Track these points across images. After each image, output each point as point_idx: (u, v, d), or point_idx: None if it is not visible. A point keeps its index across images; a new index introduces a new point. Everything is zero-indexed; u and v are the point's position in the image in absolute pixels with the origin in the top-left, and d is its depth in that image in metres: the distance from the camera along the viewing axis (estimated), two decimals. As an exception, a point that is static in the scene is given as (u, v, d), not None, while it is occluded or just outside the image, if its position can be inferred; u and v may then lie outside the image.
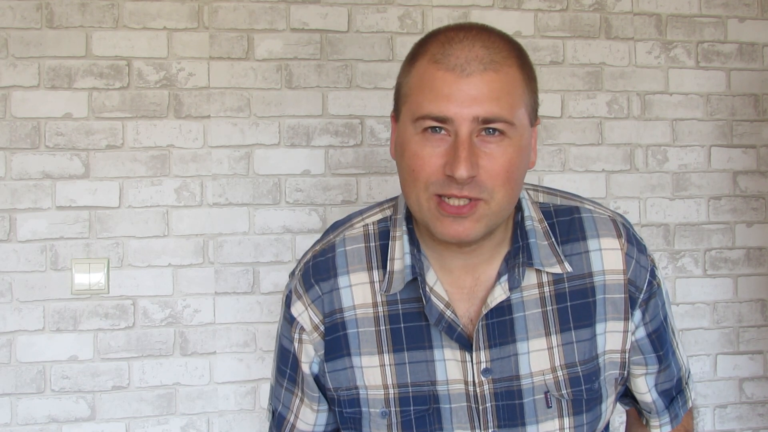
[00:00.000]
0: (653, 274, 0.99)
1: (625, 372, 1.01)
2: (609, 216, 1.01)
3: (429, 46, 0.90)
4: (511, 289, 0.94)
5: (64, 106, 1.75)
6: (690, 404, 1.10)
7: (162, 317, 1.78)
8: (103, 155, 1.76)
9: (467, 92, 0.85)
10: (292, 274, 1.04)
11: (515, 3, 1.93)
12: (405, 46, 1.87)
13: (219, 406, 1.80)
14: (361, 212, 1.05)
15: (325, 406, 1.04)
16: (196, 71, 1.80)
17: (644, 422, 1.10)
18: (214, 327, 1.80)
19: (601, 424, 1.00)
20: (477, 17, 1.90)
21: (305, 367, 1.01)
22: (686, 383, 1.09)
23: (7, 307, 1.73)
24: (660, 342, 1.02)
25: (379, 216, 1.02)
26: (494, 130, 0.87)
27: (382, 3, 1.87)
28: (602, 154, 1.97)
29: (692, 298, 2.00)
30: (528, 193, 1.02)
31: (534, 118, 0.94)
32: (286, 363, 1.05)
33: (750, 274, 2.03)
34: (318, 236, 1.85)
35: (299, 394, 1.04)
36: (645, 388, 1.04)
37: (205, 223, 1.80)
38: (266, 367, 1.81)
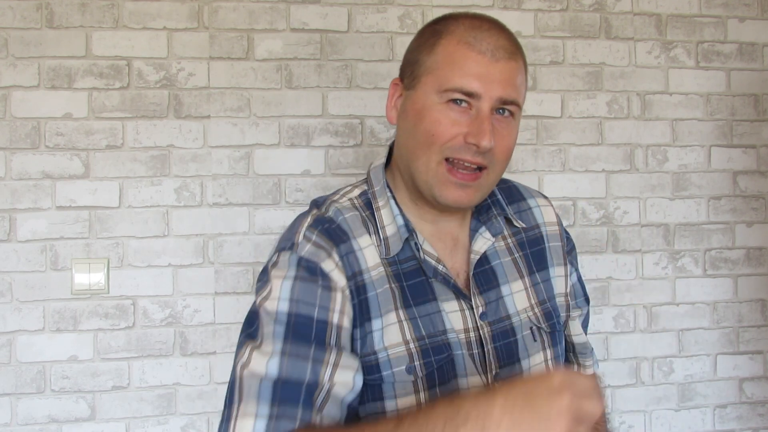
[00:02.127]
0: (569, 233, 1.19)
1: (567, 315, 1.13)
2: (538, 191, 1.20)
3: (455, 29, 1.02)
4: (494, 236, 1.08)
5: (64, 106, 1.75)
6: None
7: (162, 317, 1.78)
8: (103, 155, 1.76)
9: (495, 75, 0.98)
10: (291, 246, 0.99)
11: (515, 3, 1.93)
12: (405, 46, 1.85)
13: (219, 406, 1.80)
14: (336, 192, 1.10)
15: (357, 364, 0.97)
16: (196, 71, 1.80)
17: (578, 370, 1.18)
18: (214, 327, 1.80)
19: (561, 363, 1.11)
20: (477, 17, 1.90)
21: (346, 322, 0.97)
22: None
23: (7, 307, 1.73)
24: (582, 285, 1.19)
25: (357, 191, 1.09)
26: (506, 110, 1.00)
27: (382, 3, 1.87)
28: (602, 154, 1.97)
29: (692, 298, 2.00)
30: None
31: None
32: (309, 331, 0.95)
33: (750, 274, 2.03)
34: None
35: (332, 357, 0.95)
36: (579, 329, 1.16)
37: (205, 223, 1.80)
38: (266, 367, 1.81)
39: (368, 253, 1.01)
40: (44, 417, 1.73)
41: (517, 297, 1.07)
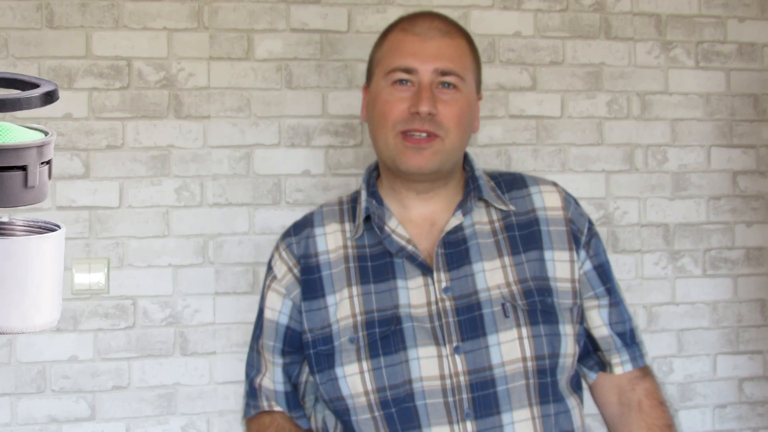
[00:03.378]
0: (591, 223, 1.19)
1: (578, 302, 1.13)
2: (550, 180, 1.22)
3: (398, 24, 1.17)
4: (464, 215, 1.13)
5: (64, 106, 1.75)
6: (647, 360, 1.21)
7: (162, 317, 1.78)
8: (103, 155, 1.76)
9: (429, 50, 1.10)
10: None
11: (515, 3, 1.93)
12: (405, 46, 1.87)
13: (219, 406, 1.80)
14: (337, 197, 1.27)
15: (280, 361, 1.18)
16: (196, 71, 1.80)
17: (608, 370, 1.18)
18: (214, 327, 1.80)
19: (563, 348, 1.09)
20: (477, 17, 1.90)
21: (270, 314, 1.18)
22: (640, 339, 1.21)
23: (7, 307, 1.73)
24: (606, 276, 1.18)
25: (350, 192, 1.25)
26: (449, 83, 1.10)
27: (382, 3, 1.87)
28: (602, 154, 1.97)
29: (692, 298, 2.00)
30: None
31: (478, 89, 1.18)
32: (258, 325, 1.22)
33: (750, 274, 2.03)
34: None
35: (262, 350, 1.20)
36: (600, 322, 1.17)
37: (205, 223, 1.80)
38: (266, 367, 1.81)
39: (330, 238, 1.16)
40: (44, 417, 1.73)
41: (490, 274, 1.10)
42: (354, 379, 1.08)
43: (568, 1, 1.96)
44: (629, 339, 1.18)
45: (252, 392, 1.21)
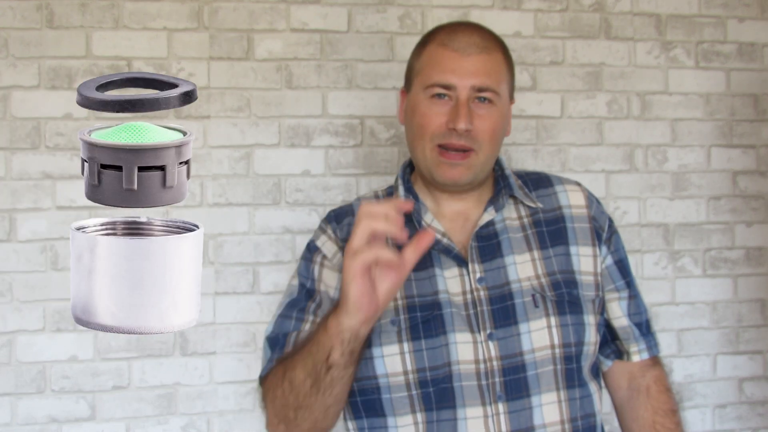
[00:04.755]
0: (612, 221, 1.28)
1: (600, 294, 1.22)
2: (574, 179, 1.30)
3: (437, 35, 1.21)
4: (496, 210, 1.20)
5: (64, 106, 1.75)
6: (659, 349, 1.30)
7: (162, 317, 1.78)
8: (103, 155, 1.76)
9: (467, 67, 1.16)
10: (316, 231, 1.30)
11: (515, 3, 1.93)
12: (405, 46, 1.87)
13: (219, 406, 1.80)
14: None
15: None
16: (196, 71, 1.80)
17: (625, 358, 1.26)
18: (214, 327, 1.80)
19: (587, 337, 1.18)
20: (477, 17, 1.90)
21: (331, 291, 1.21)
22: (654, 330, 1.30)
23: (7, 307, 1.73)
24: (625, 270, 1.27)
25: (385, 187, 1.33)
26: (485, 98, 1.17)
27: (382, 3, 1.88)
28: (602, 154, 1.97)
29: (692, 298, 2.00)
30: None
31: (511, 96, 1.25)
32: (301, 298, 1.23)
33: (750, 274, 2.03)
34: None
35: (311, 318, 1.21)
36: (620, 313, 1.25)
37: (205, 223, 1.80)
38: (266, 367, 1.81)
39: None
40: (44, 417, 1.73)
41: (521, 267, 1.18)
42: (393, 359, 1.14)
43: (568, 1, 1.96)
44: (645, 329, 1.27)
45: (278, 344, 1.20)
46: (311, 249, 1.27)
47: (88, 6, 1.77)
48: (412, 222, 1.20)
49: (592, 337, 1.19)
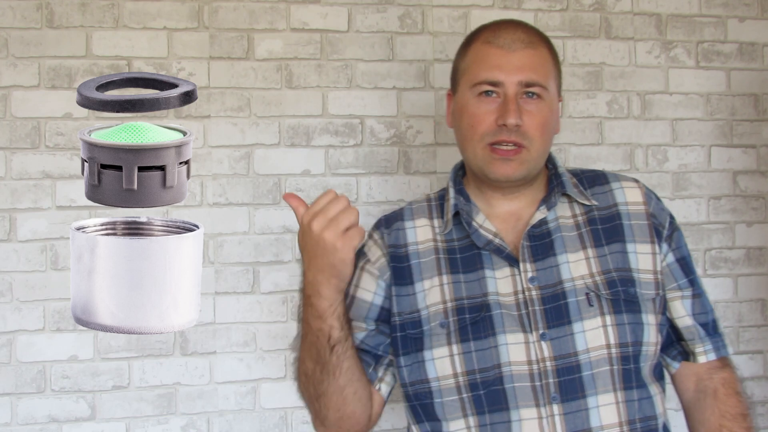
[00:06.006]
0: (673, 218, 1.25)
1: (661, 293, 1.18)
2: (631, 177, 1.28)
3: (481, 33, 1.21)
4: (548, 209, 1.19)
5: (64, 106, 1.75)
6: (730, 350, 1.25)
7: (162, 317, 1.78)
8: (103, 155, 1.76)
9: (513, 63, 1.14)
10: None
11: (515, 3, 1.93)
12: (405, 45, 1.87)
13: (219, 406, 1.80)
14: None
15: (365, 327, 1.22)
16: (196, 71, 1.80)
17: (691, 359, 1.23)
18: (214, 327, 1.80)
19: (646, 337, 1.14)
20: (477, 17, 1.90)
21: (364, 294, 1.22)
22: (722, 330, 1.26)
23: (7, 307, 1.73)
24: (688, 268, 1.23)
25: (437, 191, 1.31)
26: (533, 93, 1.15)
27: (382, 3, 1.87)
28: (602, 154, 1.97)
29: (692, 298, 2.00)
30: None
31: (559, 93, 1.23)
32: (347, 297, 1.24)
33: (750, 274, 2.03)
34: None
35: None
36: (683, 312, 1.22)
37: (205, 222, 1.80)
38: (266, 367, 1.81)
39: (420, 231, 1.23)
40: (44, 417, 1.73)
41: (575, 265, 1.16)
42: (443, 362, 1.14)
43: (568, 1, 1.96)
44: (712, 329, 1.23)
45: None
46: (357, 255, 1.24)
47: (88, 6, 1.77)
48: (462, 224, 1.20)
49: (651, 337, 1.15)
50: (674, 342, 1.24)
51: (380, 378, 1.23)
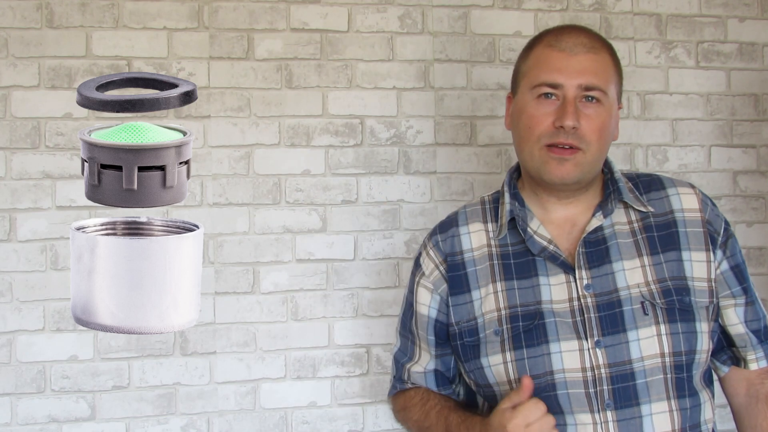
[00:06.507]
0: (728, 224, 1.24)
1: (715, 300, 1.18)
2: (686, 181, 1.27)
3: (544, 37, 1.21)
4: (604, 216, 1.18)
5: (64, 106, 1.75)
6: None
7: (162, 317, 1.78)
8: (103, 155, 1.76)
9: (574, 66, 1.15)
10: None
11: (515, 3, 1.93)
12: (405, 45, 1.87)
13: (219, 406, 1.80)
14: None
15: (434, 352, 1.28)
16: (196, 71, 1.80)
17: (743, 365, 1.23)
18: (214, 327, 1.80)
19: (699, 345, 1.15)
20: (477, 17, 1.90)
21: (421, 309, 1.26)
22: None
23: (7, 307, 1.73)
24: (742, 276, 1.24)
25: (491, 193, 1.31)
26: (592, 98, 1.15)
27: (382, 3, 1.87)
28: (602, 154, 1.97)
29: (692, 298, 2.00)
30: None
31: (619, 99, 1.22)
32: (407, 315, 1.31)
33: (750, 274, 2.02)
34: (320, 236, 1.83)
35: (416, 340, 1.29)
36: (736, 320, 1.22)
37: (205, 222, 1.80)
38: (266, 367, 1.81)
39: (474, 237, 1.24)
40: (44, 417, 1.73)
41: (630, 273, 1.16)
42: (498, 368, 1.17)
43: (568, 1, 1.96)
44: (764, 336, 1.23)
45: (399, 376, 1.34)
46: (416, 264, 1.30)
47: (88, 6, 1.77)
48: (517, 229, 1.20)
49: (704, 345, 1.16)
50: (725, 347, 1.25)
51: (455, 390, 1.32)
